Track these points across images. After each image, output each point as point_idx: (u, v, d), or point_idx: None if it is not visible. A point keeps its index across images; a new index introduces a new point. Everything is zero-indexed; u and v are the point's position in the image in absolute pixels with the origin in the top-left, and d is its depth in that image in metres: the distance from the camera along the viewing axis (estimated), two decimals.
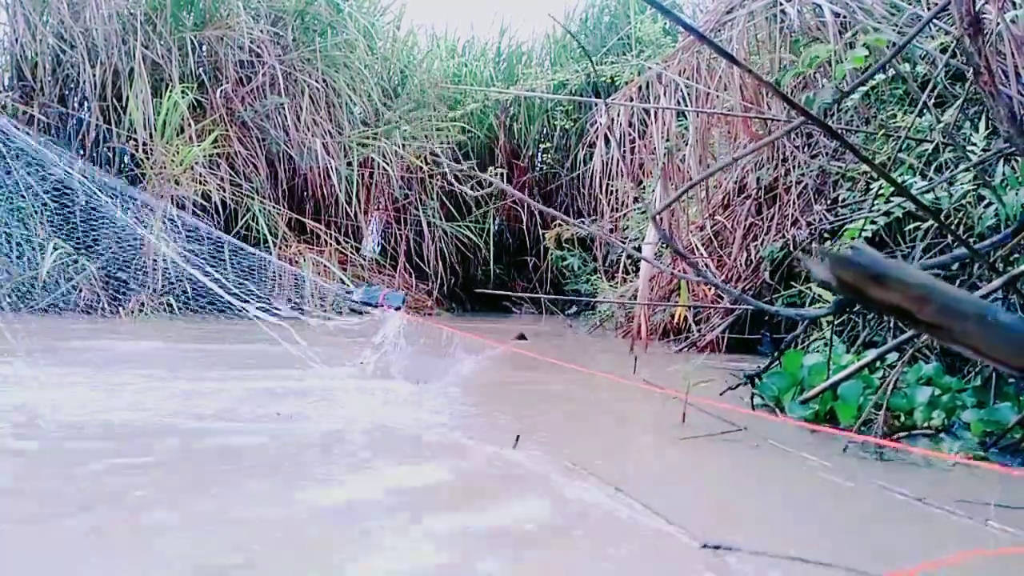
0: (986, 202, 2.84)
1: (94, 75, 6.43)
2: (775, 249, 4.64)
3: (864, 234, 3.18)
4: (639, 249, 5.28)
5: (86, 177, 5.52)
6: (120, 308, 5.95)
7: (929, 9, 3.68)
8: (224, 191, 6.49)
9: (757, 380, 2.99)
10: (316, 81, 7.27)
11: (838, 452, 2.25)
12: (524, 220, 8.71)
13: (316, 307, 6.65)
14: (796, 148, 4.71)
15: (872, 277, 0.31)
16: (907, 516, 1.62)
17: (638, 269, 5.37)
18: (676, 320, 5.26)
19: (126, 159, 6.75)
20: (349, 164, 7.36)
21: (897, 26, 3.80)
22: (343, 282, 6.87)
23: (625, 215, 6.47)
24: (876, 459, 2.18)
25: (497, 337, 6.05)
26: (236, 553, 1.23)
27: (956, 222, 3.03)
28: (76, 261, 6.18)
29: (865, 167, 3.91)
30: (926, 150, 3.46)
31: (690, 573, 1.21)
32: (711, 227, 5.32)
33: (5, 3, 6.48)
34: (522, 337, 5.45)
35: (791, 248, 4.57)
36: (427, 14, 10.62)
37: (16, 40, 6.43)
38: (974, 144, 2.94)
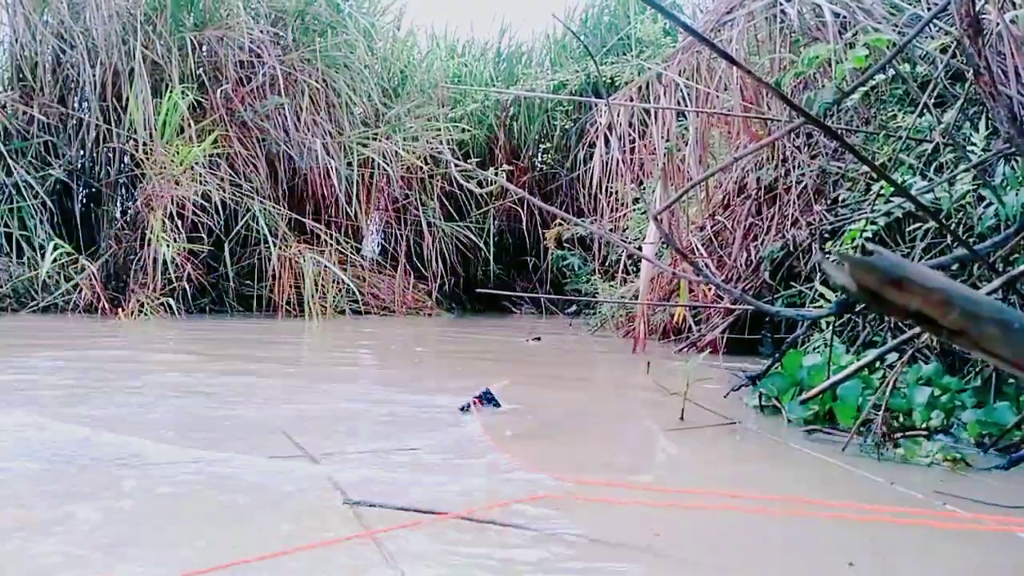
0: (986, 202, 2.84)
1: (94, 75, 6.42)
2: (775, 249, 4.64)
3: (864, 235, 3.18)
4: (640, 249, 5.29)
5: None
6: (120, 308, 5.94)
7: (929, 10, 3.68)
8: (224, 191, 6.49)
9: (758, 381, 3.00)
10: (316, 81, 7.26)
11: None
12: (524, 220, 8.71)
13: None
14: (796, 148, 4.71)
15: (892, 281, 0.31)
16: None
17: (638, 269, 5.37)
18: (676, 320, 5.27)
19: (126, 159, 6.75)
20: (349, 164, 7.35)
21: (897, 26, 3.81)
22: (343, 282, 6.87)
23: (625, 215, 6.47)
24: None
25: (501, 337, 6.06)
26: None
27: (956, 222, 3.03)
28: (76, 261, 6.17)
29: (865, 167, 3.92)
30: (926, 150, 3.47)
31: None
32: (711, 227, 5.32)
33: (5, 3, 6.48)
34: (537, 339, 5.47)
35: (791, 248, 4.57)
36: (427, 14, 10.62)
37: (16, 40, 6.43)
38: (974, 144, 2.94)
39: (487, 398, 2.69)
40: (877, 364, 2.66)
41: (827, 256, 3.55)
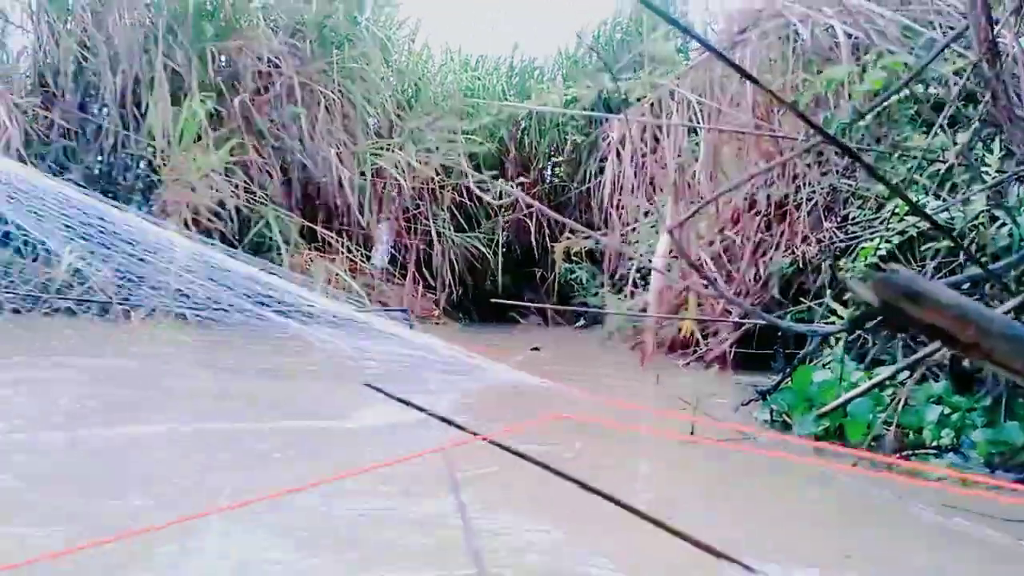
0: (999, 223, 2.86)
1: (115, 82, 6.52)
2: (784, 265, 4.66)
3: (879, 252, 3.20)
4: (651, 262, 5.31)
5: None
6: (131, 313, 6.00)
7: (942, 31, 3.72)
8: (239, 198, 6.56)
9: (768, 396, 3.02)
10: (332, 92, 7.35)
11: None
12: (532, 232, 8.73)
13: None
14: (807, 165, 4.74)
15: (910, 297, 0.34)
16: None
17: (647, 283, 5.39)
18: (683, 334, 5.27)
19: (143, 165, 6.84)
20: (362, 174, 7.42)
21: (912, 49, 3.84)
22: (352, 289, 6.91)
23: (635, 229, 6.50)
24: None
25: (509, 346, 6.08)
26: None
27: (969, 242, 3.04)
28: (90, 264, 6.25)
29: (878, 186, 3.94)
30: (939, 170, 3.48)
31: None
32: (720, 242, 5.34)
33: (30, 11, 6.61)
34: (536, 349, 5.49)
35: (800, 265, 4.58)
36: (442, 30, 10.66)
37: (40, 47, 6.55)
38: (988, 165, 2.96)
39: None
40: (886, 382, 2.67)
41: (847, 273, 3.57)
